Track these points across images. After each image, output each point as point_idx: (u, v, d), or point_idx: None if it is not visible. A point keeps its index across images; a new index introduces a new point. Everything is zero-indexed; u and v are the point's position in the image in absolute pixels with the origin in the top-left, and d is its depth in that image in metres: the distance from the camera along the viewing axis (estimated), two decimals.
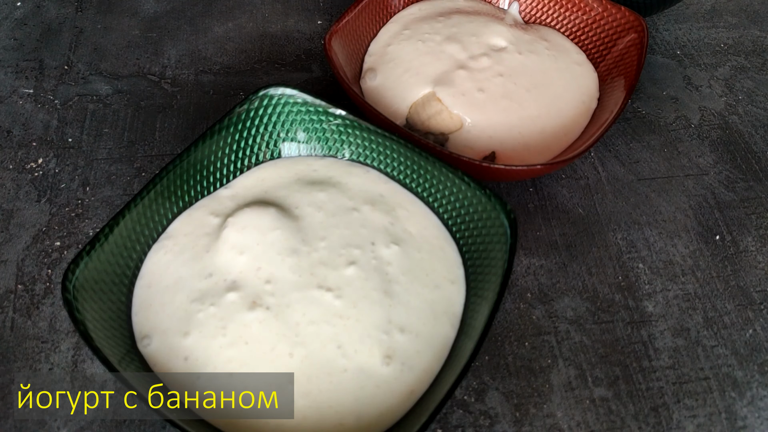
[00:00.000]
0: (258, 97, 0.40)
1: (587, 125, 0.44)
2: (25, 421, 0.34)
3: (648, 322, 0.38)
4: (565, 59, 0.47)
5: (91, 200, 0.42)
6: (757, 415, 0.35)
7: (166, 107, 0.48)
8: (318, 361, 0.32)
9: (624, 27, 0.47)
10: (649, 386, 0.36)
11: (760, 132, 0.48)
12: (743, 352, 0.37)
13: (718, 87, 0.51)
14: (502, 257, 0.34)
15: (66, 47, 0.52)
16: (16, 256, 0.40)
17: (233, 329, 0.33)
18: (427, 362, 0.33)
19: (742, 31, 0.55)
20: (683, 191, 0.44)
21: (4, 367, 0.35)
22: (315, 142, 0.42)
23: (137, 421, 0.34)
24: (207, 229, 0.37)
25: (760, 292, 0.40)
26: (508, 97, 0.44)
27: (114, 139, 0.46)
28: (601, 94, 0.46)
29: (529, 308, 0.39)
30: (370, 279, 0.35)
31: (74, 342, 0.36)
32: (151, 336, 0.33)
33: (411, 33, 0.48)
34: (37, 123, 0.47)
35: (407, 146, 0.39)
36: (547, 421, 0.35)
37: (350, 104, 0.47)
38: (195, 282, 0.35)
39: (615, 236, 0.42)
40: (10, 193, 0.43)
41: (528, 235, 0.42)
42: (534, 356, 0.37)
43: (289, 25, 0.54)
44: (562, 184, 0.44)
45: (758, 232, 0.42)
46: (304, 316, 0.34)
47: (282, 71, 0.51)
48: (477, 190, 0.37)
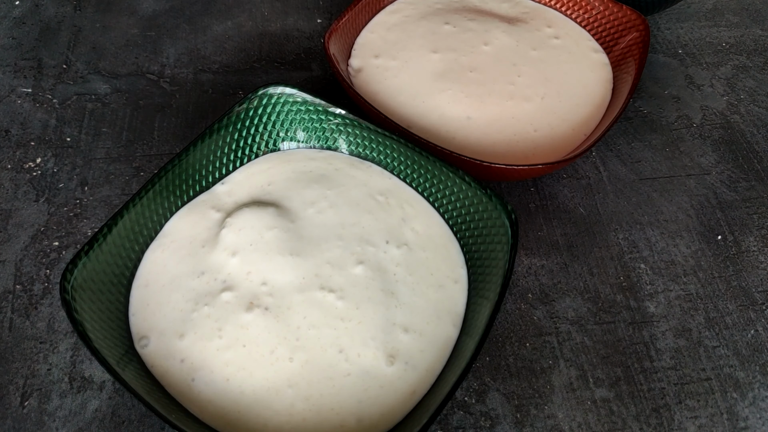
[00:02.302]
0: (257, 96, 0.40)
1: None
2: (23, 421, 0.34)
3: (649, 322, 0.38)
4: (579, 53, 0.47)
5: (90, 200, 0.42)
6: (758, 416, 0.35)
7: (165, 106, 0.48)
8: (319, 365, 0.32)
9: (626, 26, 0.47)
10: (651, 387, 0.36)
11: (762, 131, 0.48)
12: (745, 353, 0.37)
13: (720, 86, 0.51)
14: (503, 257, 0.34)
15: (64, 46, 0.52)
16: (15, 256, 0.39)
17: (230, 331, 0.33)
18: (430, 362, 0.33)
19: (743, 30, 0.55)
20: (685, 191, 0.44)
21: (3, 367, 0.35)
22: (314, 141, 0.41)
23: (136, 421, 0.34)
24: (204, 228, 0.37)
25: (762, 292, 0.39)
26: (512, 94, 0.44)
27: (112, 139, 0.45)
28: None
29: (530, 309, 0.38)
30: (375, 279, 0.35)
31: (73, 342, 0.36)
32: (149, 336, 0.33)
33: (410, 28, 0.48)
34: (36, 122, 0.46)
35: (408, 145, 0.38)
36: (548, 423, 0.34)
37: (350, 103, 0.46)
38: (190, 281, 0.35)
39: (616, 236, 0.42)
40: (9, 193, 0.42)
41: (529, 235, 0.41)
42: (535, 357, 0.37)
43: (288, 24, 0.54)
44: (564, 184, 0.44)
45: (760, 232, 0.42)
46: (305, 319, 0.34)
47: (281, 70, 0.51)
48: (478, 189, 0.36)
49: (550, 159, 0.41)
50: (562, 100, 0.44)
